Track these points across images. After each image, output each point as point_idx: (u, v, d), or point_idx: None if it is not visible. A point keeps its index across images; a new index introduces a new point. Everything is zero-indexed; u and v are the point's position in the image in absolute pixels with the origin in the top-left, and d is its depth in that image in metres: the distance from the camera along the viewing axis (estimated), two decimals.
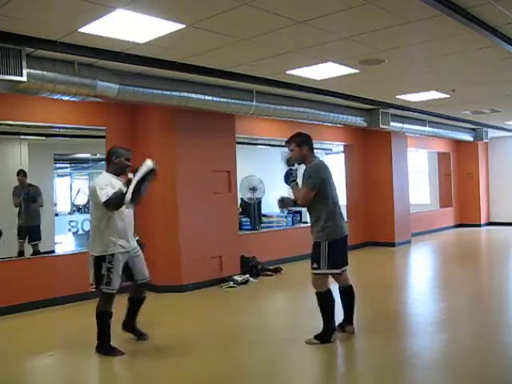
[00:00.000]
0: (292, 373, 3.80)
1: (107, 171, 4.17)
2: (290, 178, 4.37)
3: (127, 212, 4.12)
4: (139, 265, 4.25)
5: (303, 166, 4.37)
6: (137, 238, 4.33)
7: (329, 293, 4.26)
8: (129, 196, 3.82)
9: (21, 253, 6.60)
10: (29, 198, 6.77)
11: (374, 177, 10.51)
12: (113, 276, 3.98)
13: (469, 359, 3.84)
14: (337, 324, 4.47)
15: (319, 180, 4.19)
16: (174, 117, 6.55)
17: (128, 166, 4.15)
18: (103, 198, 3.87)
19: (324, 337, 4.21)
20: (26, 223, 6.84)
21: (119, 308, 4.23)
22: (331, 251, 4.15)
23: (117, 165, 4.14)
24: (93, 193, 4.00)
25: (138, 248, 4.28)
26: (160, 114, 6.56)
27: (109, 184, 3.96)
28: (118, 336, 4.25)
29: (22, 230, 6.79)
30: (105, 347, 4.05)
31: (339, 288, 4.52)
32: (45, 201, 7.10)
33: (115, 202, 3.87)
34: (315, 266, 4.17)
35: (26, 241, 6.78)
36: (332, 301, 4.26)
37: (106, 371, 3.97)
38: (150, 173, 3.94)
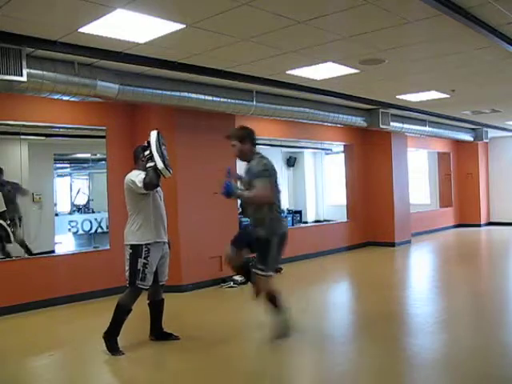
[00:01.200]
0: (292, 373, 3.80)
1: (136, 169, 4.24)
2: (232, 189, 4.01)
3: (161, 206, 4.24)
4: (165, 265, 4.30)
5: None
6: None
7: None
8: (160, 164, 3.89)
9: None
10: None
11: (373, 177, 10.51)
12: (148, 271, 4.03)
13: (469, 359, 3.84)
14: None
15: (273, 174, 4.03)
16: (174, 117, 6.55)
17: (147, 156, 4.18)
18: (140, 183, 3.95)
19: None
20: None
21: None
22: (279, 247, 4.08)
23: (144, 163, 4.14)
24: (128, 185, 4.10)
25: (167, 248, 4.32)
26: (160, 114, 6.56)
27: (140, 175, 4.05)
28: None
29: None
30: (111, 342, 4.07)
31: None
32: (45, 201, 7.10)
33: (151, 178, 3.92)
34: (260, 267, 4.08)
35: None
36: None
37: (105, 371, 3.97)
38: (159, 137, 4.04)
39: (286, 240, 4.20)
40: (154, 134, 4.03)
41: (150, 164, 3.94)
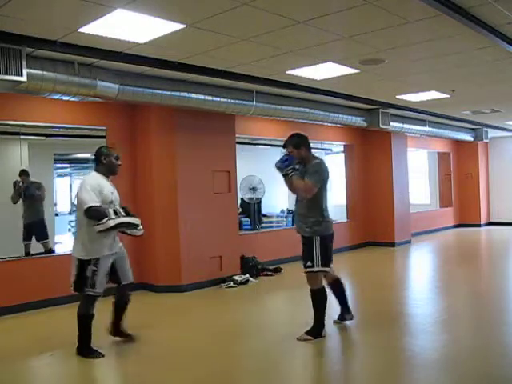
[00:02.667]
0: (292, 372, 3.80)
1: (97, 171, 4.11)
2: (288, 163, 4.17)
3: None
4: (125, 266, 4.23)
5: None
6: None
7: (324, 289, 4.35)
8: (109, 225, 3.81)
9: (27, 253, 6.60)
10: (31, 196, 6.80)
11: (374, 177, 10.51)
12: (97, 278, 3.94)
13: (469, 359, 3.84)
14: (336, 318, 4.70)
15: (324, 177, 4.25)
16: (174, 117, 6.55)
17: (119, 165, 4.15)
18: (87, 203, 3.83)
19: (316, 332, 4.26)
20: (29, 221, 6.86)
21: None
22: (323, 247, 4.23)
23: (107, 165, 4.10)
24: (79, 192, 3.95)
25: (124, 249, 4.25)
26: (160, 114, 6.56)
27: (97, 186, 3.93)
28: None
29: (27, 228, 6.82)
30: (86, 349, 4.03)
31: (328, 284, 4.60)
32: (45, 201, 7.09)
33: (95, 216, 3.83)
34: (309, 264, 4.25)
35: (34, 240, 6.82)
36: (326, 297, 4.35)
37: (105, 371, 3.98)
38: (132, 226, 4.01)
39: (331, 240, 4.37)
40: (134, 219, 4.02)
41: (115, 217, 3.85)
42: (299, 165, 4.29)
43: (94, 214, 3.85)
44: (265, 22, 4.14)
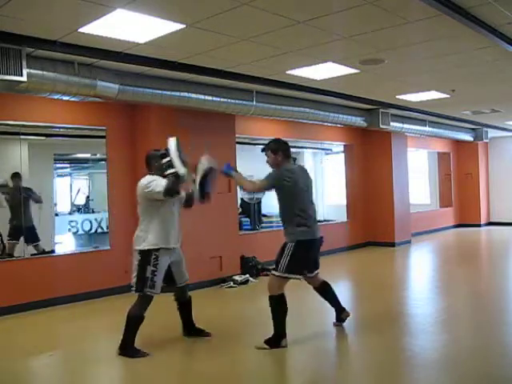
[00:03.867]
0: (291, 373, 3.80)
1: (150, 174, 4.18)
2: (231, 168, 4.46)
3: (174, 212, 4.20)
4: (181, 269, 4.32)
5: None
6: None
7: (283, 297, 4.17)
8: (181, 170, 3.89)
9: (10, 255, 6.42)
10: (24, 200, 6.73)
11: (374, 177, 10.51)
12: (156, 279, 4.00)
13: (469, 359, 3.85)
14: (335, 320, 4.69)
15: (278, 180, 4.21)
16: (174, 117, 6.55)
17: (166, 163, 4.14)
18: (158, 188, 3.92)
19: (273, 341, 4.11)
20: (19, 224, 6.73)
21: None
22: (295, 254, 4.12)
23: (159, 167, 4.12)
24: (142, 191, 4.05)
25: (181, 253, 4.37)
26: (160, 114, 6.55)
27: (155, 181, 4.02)
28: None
29: (15, 230, 6.71)
30: (131, 350, 4.01)
31: (315, 289, 4.62)
32: (45, 201, 7.09)
33: (173, 185, 3.90)
34: (274, 267, 4.24)
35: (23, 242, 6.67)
36: (285, 306, 4.16)
37: (105, 371, 3.97)
38: (210, 171, 4.10)
39: (311, 247, 4.29)
40: (172, 141, 4.02)
41: (171, 171, 3.90)
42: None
43: (172, 186, 3.90)
44: (265, 22, 4.14)
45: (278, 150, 4.33)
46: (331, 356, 4.25)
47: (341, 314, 4.67)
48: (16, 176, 6.60)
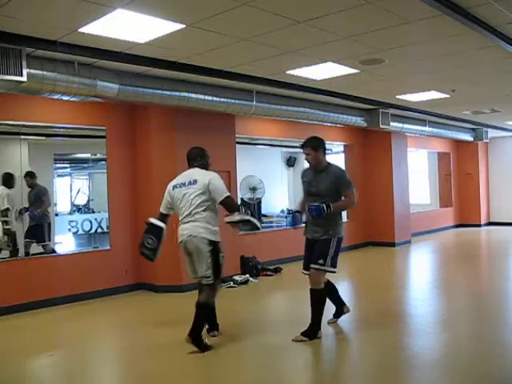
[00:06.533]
0: (292, 373, 3.80)
1: (208, 169, 4.52)
2: (323, 211, 4.20)
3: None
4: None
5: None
6: None
7: (325, 290, 4.38)
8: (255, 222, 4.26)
9: (27, 253, 6.59)
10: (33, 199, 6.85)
11: (374, 177, 10.51)
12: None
13: (469, 359, 3.84)
14: (332, 315, 4.77)
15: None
16: (173, 117, 6.55)
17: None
18: (227, 192, 4.26)
19: (312, 333, 4.26)
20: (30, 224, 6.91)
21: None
22: (337, 249, 4.31)
23: (207, 164, 4.62)
24: (216, 181, 4.31)
25: None
26: (160, 114, 6.56)
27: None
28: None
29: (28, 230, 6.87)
30: (198, 339, 4.08)
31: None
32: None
33: (232, 204, 4.28)
34: (321, 261, 4.26)
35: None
36: (325, 299, 4.39)
37: (105, 371, 3.98)
38: (252, 226, 4.31)
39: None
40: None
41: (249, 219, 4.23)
42: (311, 168, 4.57)
43: (231, 202, 4.27)
44: (265, 22, 4.15)
45: (319, 147, 4.50)
46: (331, 355, 4.25)
47: (342, 308, 4.76)
48: (28, 175, 6.68)
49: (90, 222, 9.05)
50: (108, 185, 6.53)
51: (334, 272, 4.31)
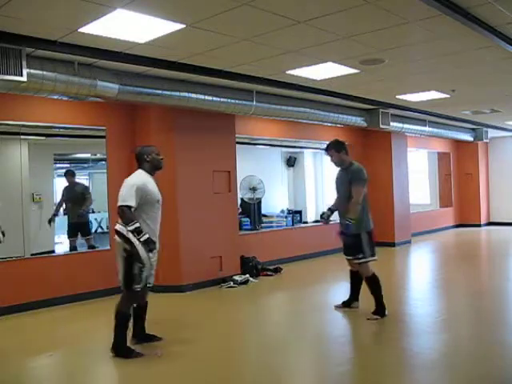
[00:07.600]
0: (292, 372, 3.80)
1: (143, 169, 4.18)
2: (349, 222, 4.75)
3: (159, 213, 4.26)
4: (154, 268, 4.33)
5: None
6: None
7: (375, 275, 4.90)
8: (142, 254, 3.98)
9: (74, 248, 7.16)
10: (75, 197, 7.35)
11: (373, 177, 10.44)
12: (143, 275, 4.03)
13: (469, 359, 3.85)
14: (341, 302, 5.19)
15: (365, 180, 4.83)
16: (173, 117, 6.55)
17: (161, 159, 4.26)
18: (127, 202, 3.90)
19: (382, 312, 4.82)
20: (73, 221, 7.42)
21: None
22: (370, 240, 4.84)
23: (151, 162, 4.19)
24: (121, 188, 4.02)
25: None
26: (160, 115, 6.56)
27: (144, 185, 4.02)
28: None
29: (71, 227, 7.33)
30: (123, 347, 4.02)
31: (351, 271, 5.16)
32: (45, 201, 7.10)
33: (127, 219, 3.89)
34: (361, 256, 4.79)
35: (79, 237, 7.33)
36: (379, 282, 4.92)
37: (105, 371, 3.98)
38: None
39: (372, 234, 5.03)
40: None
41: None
42: (342, 170, 5.01)
43: (126, 217, 3.91)
44: (265, 22, 4.14)
45: (342, 149, 4.94)
46: (330, 355, 4.25)
47: (354, 301, 5.18)
48: (67, 174, 6.84)
49: (90, 221, 9.05)
50: (108, 185, 6.53)
51: (375, 259, 4.88)
